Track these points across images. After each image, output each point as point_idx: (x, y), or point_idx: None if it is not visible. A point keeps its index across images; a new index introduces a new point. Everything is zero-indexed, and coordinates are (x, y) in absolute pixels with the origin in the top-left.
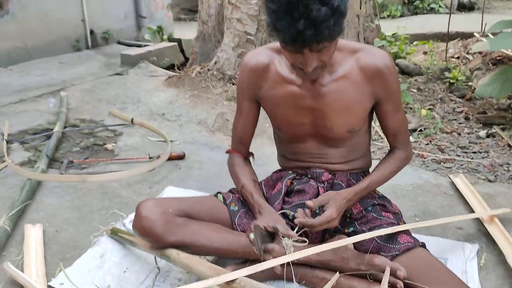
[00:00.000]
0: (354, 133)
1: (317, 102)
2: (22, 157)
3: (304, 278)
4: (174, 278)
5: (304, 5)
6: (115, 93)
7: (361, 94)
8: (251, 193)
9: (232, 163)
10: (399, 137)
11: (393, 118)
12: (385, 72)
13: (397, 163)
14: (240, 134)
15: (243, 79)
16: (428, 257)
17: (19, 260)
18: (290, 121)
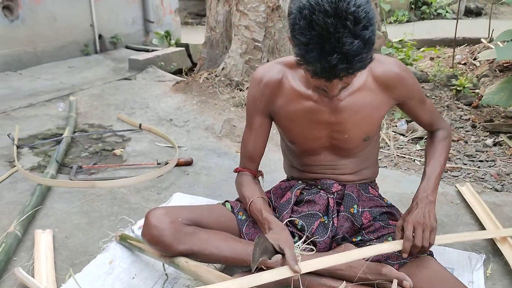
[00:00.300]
0: (368, 142)
1: (335, 116)
2: (31, 162)
3: (311, 286)
4: (182, 285)
5: (336, 38)
6: (124, 98)
7: (377, 102)
8: (260, 210)
9: (240, 182)
10: (434, 123)
11: (423, 110)
12: (403, 76)
13: (443, 142)
14: (251, 150)
15: (255, 93)
16: (436, 266)
17: (29, 265)
18: (306, 135)
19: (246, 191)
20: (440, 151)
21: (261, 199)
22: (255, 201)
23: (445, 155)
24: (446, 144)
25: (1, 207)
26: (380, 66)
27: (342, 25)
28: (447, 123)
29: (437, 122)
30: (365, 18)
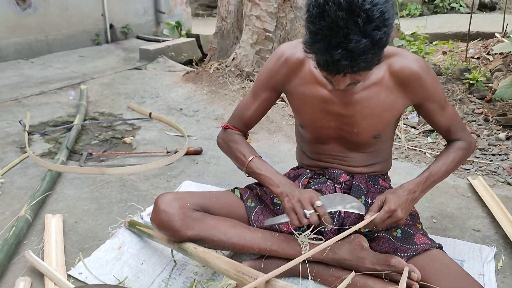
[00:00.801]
0: (379, 139)
1: (346, 109)
2: (42, 149)
3: (320, 276)
4: (190, 272)
5: (344, 34)
6: (134, 88)
7: (392, 100)
8: (267, 168)
9: (232, 139)
10: (453, 132)
11: (441, 116)
12: (420, 76)
13: (459, 152)
14: (248, 116)
15: (272, 67)
16: (445, 258)
17: (39, 249)
18: (315, 123)
19: (242, 149)
20: (451, 159)
21: (261, 158)
22: (255, 159)
23: (454, 165)
24: (461, 155)
25: (12, 192)
26: (399, 61)
27: (353, 21)
28: (471, 138)
29: (457, 132)
30: (379, 18)
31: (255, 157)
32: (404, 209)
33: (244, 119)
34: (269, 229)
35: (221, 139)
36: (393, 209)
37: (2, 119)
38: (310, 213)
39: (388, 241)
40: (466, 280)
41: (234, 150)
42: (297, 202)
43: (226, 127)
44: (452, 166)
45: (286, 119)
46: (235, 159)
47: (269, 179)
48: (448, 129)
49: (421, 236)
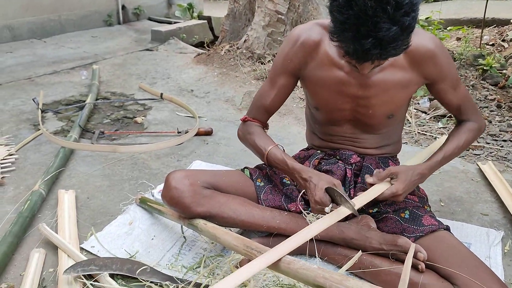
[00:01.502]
0: (392, 119)
1: (363, 90)
2: (55, 127)
3: (327, 254)
4: (200, 248)
5: (373, 22)
6: (145, 68)
7: (407, 79)
8: (283, 159)
9: (250, 131)
10: (464, 112)
11: (453, 95)
12: (435, 54)
13: (470, 134)
14: (268, 104)
15: (288, 52)
16: (452, 240)
17: (53, 222)
18: (331, 105)
19: (260, 140)
20: (463, 141)
21: (278, 149)
22: (274, 150)
23: (465, 146)
24: (472, 136)
25: (26, 168)
26: (414, 40)
27: (382, 9)
28: (482, 119)
29: (468, 113)
30: (408, 4)
31: (274, 147)
32: (408, 190)
33: (262, 108)
34: (277, 207)
35: (241, 132)
36: (399, 194)
37: (16, 97)
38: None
39: (395, 222)
40: (473, 261)
41: (254, 142)
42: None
43: (245, 119)
44: (463, 148)
45: (297, 102)
46: (255, 150)
47: (286, 169)
48: (459, 108)
49: (429, 218)
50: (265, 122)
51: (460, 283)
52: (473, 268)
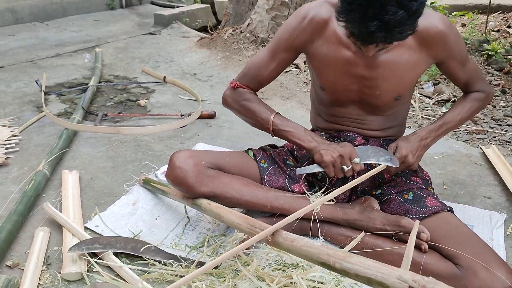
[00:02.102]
0: (399, 101)
1: (370, 71)
2: (58, 109)
3: (330, 235)
4: (203, 228)
5: (380, 5)
6: (148, 52)
7: (415, 60)
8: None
9: (247, 98)
10: (472, 85)
11: (462, 71)
12: (445, 34)
13: (475, 103)
14: (265, 76)
15: (295, 27)
16: (455, 221)
17: (57, 202)
18: (337, 85)
19: (261, 108)
20: (467, 109)
21: (282, 116)
22: (279, 117)
23: (470, 114)
24: (478, 105)
25: (30, 149)
26: (423, 21)
27: None
28: (489, 88)
29: (475, 84)
30: None
31: (276, 114)
32: (416, 154)
33: (258, 78)
34: (281, 188)
35: (230, 98)
36: (404, 155)
37: (19, 79)
38: (348, 169)
39: (399, 204)
40: (476, 242)
41: (252, 110)
42: (338, 157)
43: (237, 86)
44: (467, 116)
45: (300, 86)
46: (253, 119)
47: (299, 134)
48: (467, 83)
49: (432, 199)
50: (256, 92)
51: (463, 263)
52: (476, 249)
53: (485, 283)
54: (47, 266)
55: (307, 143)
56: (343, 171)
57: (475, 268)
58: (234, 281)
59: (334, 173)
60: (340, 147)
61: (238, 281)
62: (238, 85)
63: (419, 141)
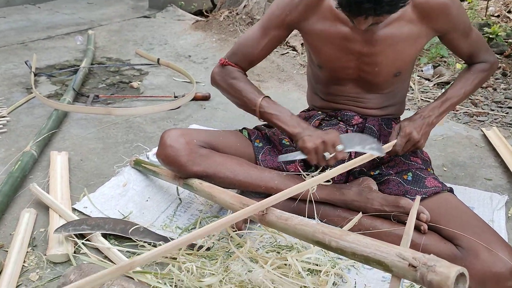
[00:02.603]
0: (398, 78)
1: (368, 47)
2: (49, 90)
3: (326, 216)
4: (195, 209)
5: None
6: (142, 35)
7: (416, 33)
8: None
9: (236, 77)
10: (476, 56)
11: (465, 43)
12: (448, 6)
13: (479, 74)
14: (256, 53)
15: (288, 3)
16: (455, 201)
17: (45, 183)
18: (334, 63)
19: (249, 89)
20: (471, 81)
21: (271, 99)
22: (267, 100)
23: (474, 86)
24: (482, 77)
25: (18, 130)
26: None
27: None
28: (493, 57)
29: (479, 55)
30: None
31: (265, 97)
32: (421, 131)
33: (249, 56)
34: (276, 168)
35: (219, 76)
36: (408, 132)
37: (9, 61)
38: (330, 156)
39: (398, 184)
40: (477, 222)
41: (240, 89)
42: (321, 143)
43: (226, 63)
44: (471, 89)
45: (297, 68)
46: (240, 99)
47: (285, 119)
48: (471, 55)
49: (432, 180)
50: (246, 70)
51: (463, 245)
52: (477, 229)
53: (487, 265)
54: (33, 248)
55: (291, 128)
56: (325, 158)
57: (476, 249)
58: (226, 263)
59: (316, 160)
60: (325, 133)
61: (231, 263)
62: (227, 63)
63: (422, 119)
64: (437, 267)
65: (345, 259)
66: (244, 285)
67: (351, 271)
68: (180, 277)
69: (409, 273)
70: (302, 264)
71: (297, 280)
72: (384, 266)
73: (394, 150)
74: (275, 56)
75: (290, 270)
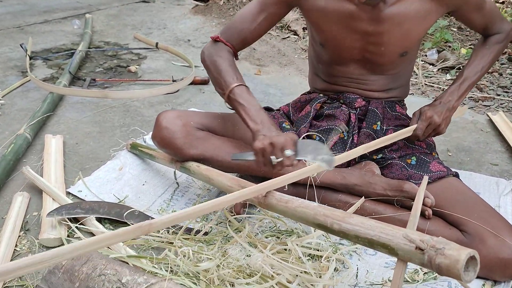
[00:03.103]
0: (404, 58)
1: (374, 26)
2: (44, 74)
3: (327, 201)
4: (193, 194)
5: None
6: (141, 19)
7: (425, 10)
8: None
9: (221, 55)
10: (491, 28)
11: (478, 15)
12: None
13: (495, 46)
14: (251, 30)
15: None
16: (461, 186)
17: (38, 166)
18: (338, 42)
19: (229, 71)
20: (487, 56)
21: (248, 89)
22: (242, 88)
23: (491, 60)
24: (498, 49)
25: (12, 113)
26: None
27: None
28: (508, 25)
29: (494, 26)
30: None
31: (241, 84)
32: (442, 116)
33: (243, 33)
34: None
35: (207, 52)
36: (429, 116)
37: (4, 45)
38: (276, 161)
39: (401, 168)
40: (483, 207)
41: (220, 69)
42: (268, 145)
43: (217, 39)
44: (489, 64)
45: (299, 52)
46: (217, 78)
47: (251, 112)
48: (485, 27)
49: (437, 164)
50: (239, 50)
51: (469, 230)
52: (483, 214)
53: (493, 251)
54: (25, 232)
55: (253, 124)
56: (271, 162)
57: (482, 235)
58: (224, 248)
59: (262, 163)
60: (278, 136)
61: (229, 247)
62: (219, 39)
63: (442, 105)
64: (446, 250)
65: (347, 244)
66: (242, 270)
67: (353, 257)
68: (176, 262)
69: (416, 257)
70: (302, 249)
71: (297, 265)
72: (390, 249)
73: (414, 134)
74: (276, 40)
75: (290, 255)
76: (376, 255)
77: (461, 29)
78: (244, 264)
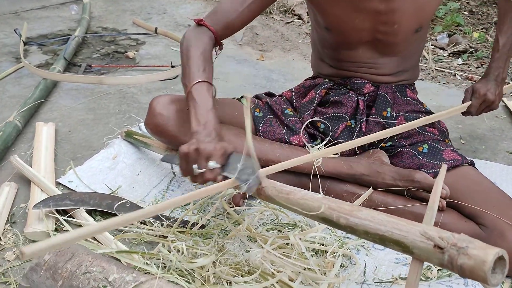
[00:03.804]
0: (418, 34)
1: (385, 3)
2: (39, 60)
3: (332, 192)
4: (190, 184)
5: None
6: (140, 5)
7: None
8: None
9: (198, 45)
10: None
11: None
12: None
13: None
14: (238, 13)
15: None
16: (477, 175)
17: (28, 155)
18: (346, 24)
19: (199, 62)
20: None
21: (210, 88)
22: (204, 85)
23: None
24: None
25: (4, 100)
26: None
27: None
28: None
29: None
30: None
31: (206, 81)
32: (495, 91)
33: (229, 17)
34: (278, 140)
35: (187, 36)
36: (483, 93)
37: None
38: (198, 171)
39: (412, 157)
40: (502, 198)
41: (191, 58)
42: (194, 151)
43: (200, 22)
44: None
45: (303, 37)
46: (185, 68)
47: (199, 110)
48: None
49: (451, 152)
50: (223, 37)
51: (487, 223)
52: (502, 206)
53: None
54: (11, 224)
55: (195, 123)
56: (193, 171)
57: (502, 228)
58: (222, 242)
59: (184, 170)
60: (209, 143)
61: (226, 242)
62: (202, 22)
63: (493, 79)
64: (470, 249)
65: (354, 238)
66: (240, 267)
67: (361, 252)
68: (169, 258)
69: (435, 256)
70: (306, 244)
71: (300, 261)
72: (404, 247)
73: (468, 111)
74: (279, 25)
75: (293, 250)
76: (385, 250)
77: (473, 12)
78: (242, 260)
